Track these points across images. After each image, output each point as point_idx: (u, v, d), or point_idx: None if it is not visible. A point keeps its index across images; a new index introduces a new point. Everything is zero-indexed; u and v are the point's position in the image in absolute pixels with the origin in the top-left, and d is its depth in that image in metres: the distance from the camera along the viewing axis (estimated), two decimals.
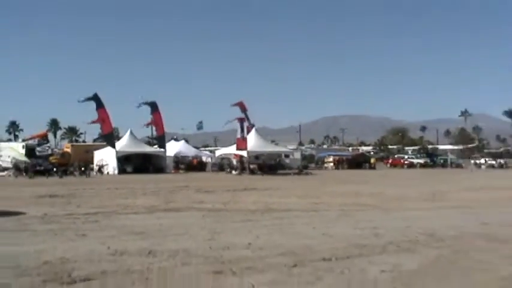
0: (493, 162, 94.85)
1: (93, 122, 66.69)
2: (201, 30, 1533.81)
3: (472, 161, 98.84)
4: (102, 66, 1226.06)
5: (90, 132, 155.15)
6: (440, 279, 10.16)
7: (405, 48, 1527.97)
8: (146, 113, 72.39)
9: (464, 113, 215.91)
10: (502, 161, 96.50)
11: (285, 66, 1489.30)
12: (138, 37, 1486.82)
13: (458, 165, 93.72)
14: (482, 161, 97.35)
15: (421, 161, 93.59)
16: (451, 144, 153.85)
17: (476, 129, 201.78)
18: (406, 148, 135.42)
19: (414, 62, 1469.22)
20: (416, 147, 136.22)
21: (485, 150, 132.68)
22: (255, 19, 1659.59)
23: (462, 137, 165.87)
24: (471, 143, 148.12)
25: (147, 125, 75.91)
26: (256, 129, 70.87)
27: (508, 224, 17.85)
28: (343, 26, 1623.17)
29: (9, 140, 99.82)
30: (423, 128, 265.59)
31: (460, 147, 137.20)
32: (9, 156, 60.06)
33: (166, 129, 74.68)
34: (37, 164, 58.28)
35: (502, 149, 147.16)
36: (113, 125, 71.27)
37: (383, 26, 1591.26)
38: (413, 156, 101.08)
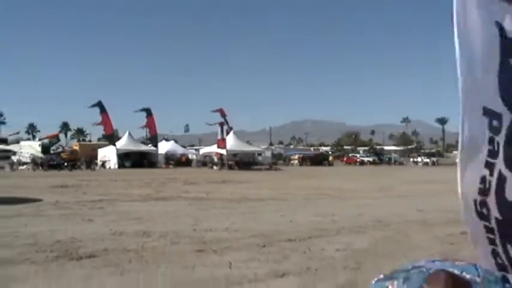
0: (428, 160, 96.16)
1: (98, 124, 66.71)
2: (187, 47, 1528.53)
3: (411, 160, 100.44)
4: (105, 76, 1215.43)
5: (95, 133, 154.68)
6: (385, 255, 10.25)
7: (358, 62, 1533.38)
8: (142, 116, 72.58)
9: (405, 120, 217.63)
10: (434, 159, 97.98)
11: (257, 76, 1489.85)
12: (135, 52, 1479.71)
13: (401, 163, 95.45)
14: (419, 159, 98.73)
15: (371, 159, 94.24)
16: (394, 145, 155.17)
17: (415, 133, 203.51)
18: (358, 148, 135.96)
19: (366, 73, 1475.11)
20: (366, 148, 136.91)
21: (422, 151, 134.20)
22: (233, 36, 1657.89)
23: (403, 139, 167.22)
24: (410, 145, 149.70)
25: (143, 127, 75.73)
26: (234, 132, 70.94)
27: (437, 210, 17.99)
28: (311, 38, 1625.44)
29: (28, 139, 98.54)
30: (372, 132, 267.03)
31: (402, 148, 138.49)
32: (28, 153, 59.71)
33: (158, 131, 74.61)
34: (51, 160, 58.18)
35: (434, 150, 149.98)
36: (114, 127, 71.28)
37: (342, 41, 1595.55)
38: (364, 155, 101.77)
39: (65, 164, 56.86)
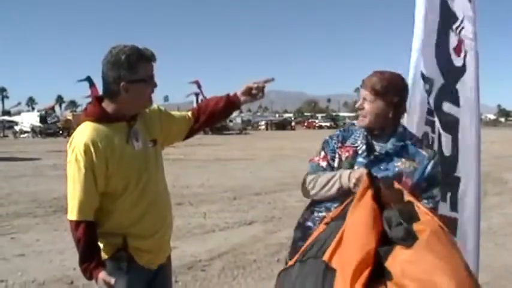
0: None
1: (88, 97, 65.97)
2: (167, 20, 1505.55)
3: None
4: (93, 52, 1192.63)
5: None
6: None
7: (313, 37, 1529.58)
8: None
9: (358, 90, 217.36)
10: None
11: (227, 48, 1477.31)
12: (118, 27, 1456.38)
13: None
14: None
15: (328, 124, 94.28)
16: (348, 112, 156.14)
17: None
18: (317, 115, 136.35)
19: (321, 48, 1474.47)
20: (324, 114, 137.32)
21: None
22: (213, 8, 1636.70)
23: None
24: None
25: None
26: None
27: None
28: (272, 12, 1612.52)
29: (28, 111, 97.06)
30: (328, 100, 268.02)
31: (355, 114, 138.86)
32: (28, 123, 59.03)
33: None
34: (48, 128, 57.53)
35: None
36: None
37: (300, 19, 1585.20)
38: (322, 121, 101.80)
39: (60, 131, 56.31)
